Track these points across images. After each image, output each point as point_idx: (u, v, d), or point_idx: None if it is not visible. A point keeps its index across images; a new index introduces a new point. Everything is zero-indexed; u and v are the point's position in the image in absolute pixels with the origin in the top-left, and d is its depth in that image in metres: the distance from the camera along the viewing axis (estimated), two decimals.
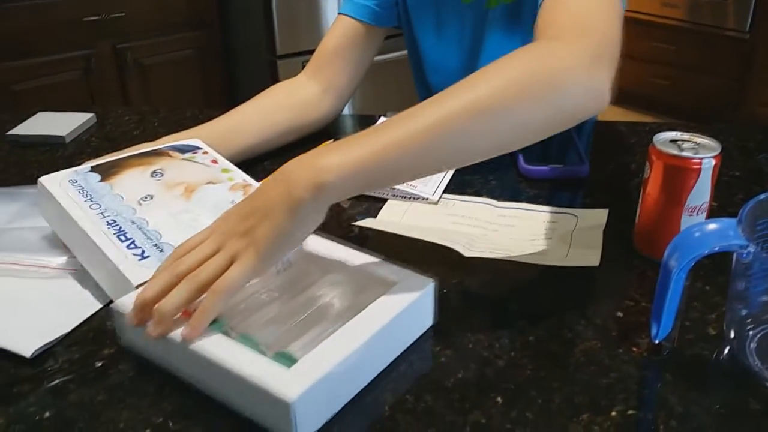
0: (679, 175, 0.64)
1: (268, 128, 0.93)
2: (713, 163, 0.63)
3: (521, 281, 0.67)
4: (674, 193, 0.65)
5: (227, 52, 2.68)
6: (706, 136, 0.66)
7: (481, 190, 0.84)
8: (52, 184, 0.70)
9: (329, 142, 0.96)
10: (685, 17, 3.05)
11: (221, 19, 2.62)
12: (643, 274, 0.67)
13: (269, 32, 2.41)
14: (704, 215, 0.66)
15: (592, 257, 0.67)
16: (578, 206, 0.79)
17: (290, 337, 0.54)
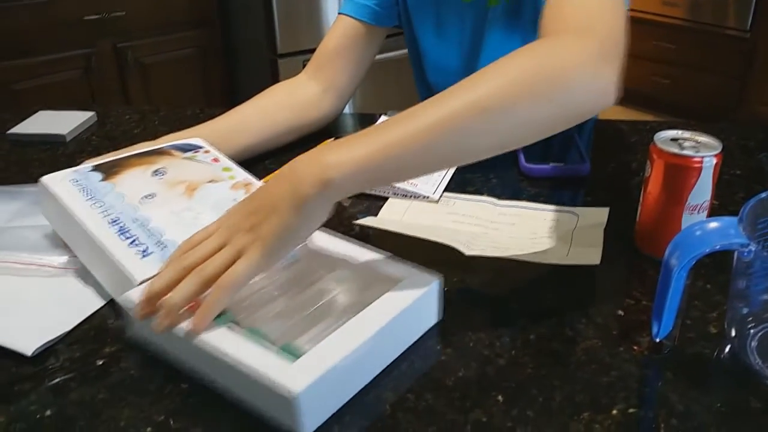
0: (680, 173, 0.64)
1: (268, 128, 0.93)
2: (714, 161, 0.63)
3: (522, 280, 0.67)
4: (675, 191, 0.65)
5: (228, 50, 2.68)
6: (707, 134, 0.66)
7: (481, 188, 0.84)
8: (53, 183, 0.70)
9: (330, 141, 0.96)
10: (685, 16, 3.05)
11: (222, 17, 2.62)
12: (644, 272, 0.67)
13: (270, 31, 2.41)
14: (705, 214, 0.66)
15: (593, 256, 0.67)
16: (579, 205, 0.79)
17: (296, 331, 0.55)
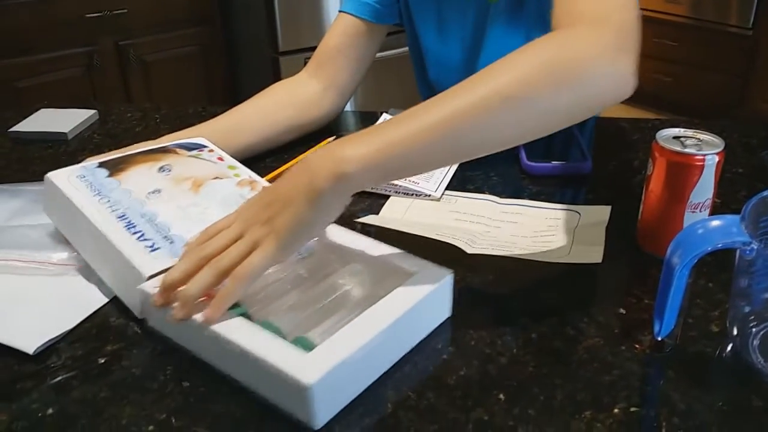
0: (682, 171, 0.64)
1: (269, 127, 0.93)
2: (716, 159, 0.63)
3: (523, 278, 0.67)
4: (677, 189, 0.65)
5: (229, 48, 2.68)
6: (709, 132, 0.66)
7: (483, 186, 0.84)
8: (60, 179, 0.70)
9: (331, 139, 0.96)
10: (688, 13, 3.04)
11: (223, 15, 2.62)
12: (645, 270, 0.67)
13: (271, 29, 2.41)
14: (707, 212, 0.66)
15: (594, 254, 0.67)
16: (581, 203, 0.79)
17: (310, 323, 0.55)
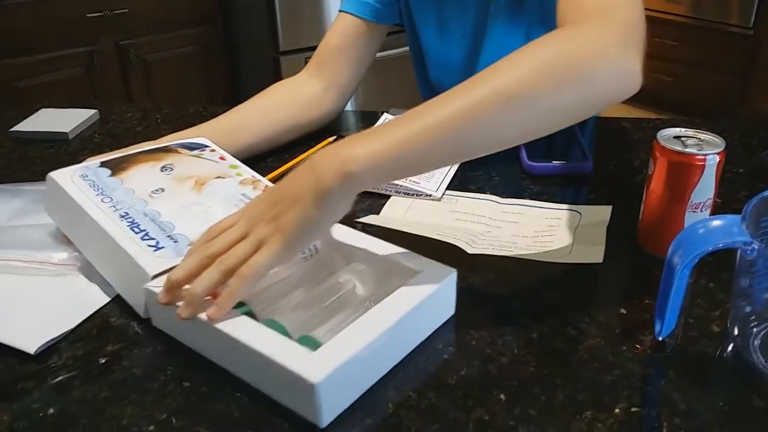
0: (683, 171, 0.64)
1: (269, 126, 0.93)
2: (717, 159, 0.63)
3: (524, 278, 0.67)
4: (678, 189, 0.65)
5: (230, 48, 2.68)
6: (710, 132, 0.66)
7: (484, 186, 0.84)
8: (62, 178, 0.70)
9: (332, 139, 0.96)
10: (688, 13, 3.04)
11: (224, 15, 2.62)
12: (646, 270, 0.67)
13: (272, 28, 2.41)
14: (708, 212, 0.66)
15: (595, 254, 0.67)
16: (582, 203, 0.79)
17: (315, 322, 0.55)
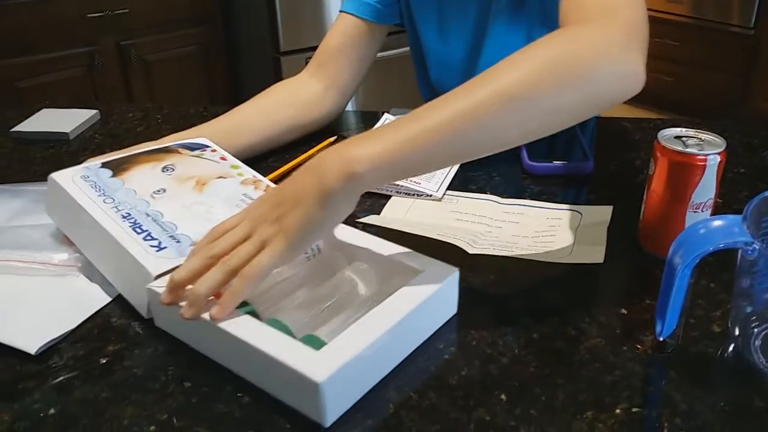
0: (683, 171, 0.64)
1: (270, 127, 0.93)
2: (718, 159, 0.63)
3: (525, 278, 0.67)
4: (679, 189, 0.65)
5: (230, 48, 2.68)
6: (710, 132, 0.66)
7: (485, 186, 0.84)
8: (64, 179, 0.70)
9: (332, 139, 0.96)
10: (689, 13, 3.04)
11: (224, 15, 2.62)
12: (647, 271, 0.67)
13: (272, 28, 2.41)
14: (709, 212, 0.66)
15: (596, 254, 0.67)
16: (582, 203, 0.79)
17: (318, 321, 0.56)
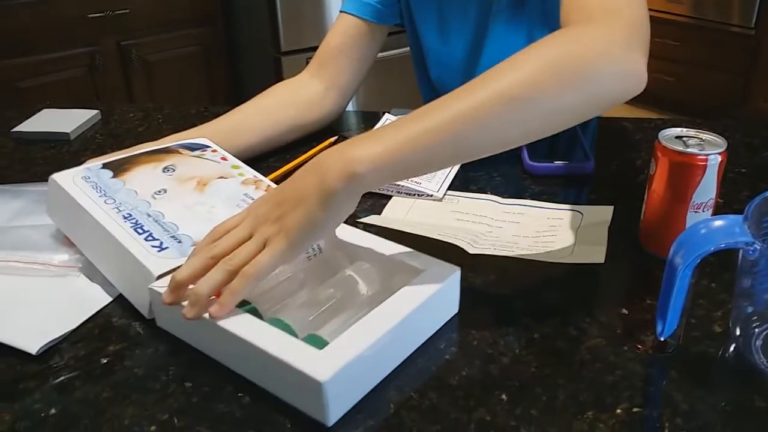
0: (684, 171, 0.64)
1: (270, 127, 0.93)
2: (719, 159, 0.63)
3: (526, 278, 0.67)
4: (680, 189, 0.65)
5: (231, 48, 2.68)
6: (711, 132, 0.66)
7: (485, 186, 0.84)
8: (65, 180, 0.70)
9: (333, 139, 0.96)
10: (690, 13, 3.04)
11: (225, 15, 2.62)
12: (648, 271, 0.67)
13: (273, 28, 2.41)
14: (710, 212, 0.66)
15: (597, 254, 0.67)
16: (583, 203, 0.79)
17: (320, 321, 0.56)
